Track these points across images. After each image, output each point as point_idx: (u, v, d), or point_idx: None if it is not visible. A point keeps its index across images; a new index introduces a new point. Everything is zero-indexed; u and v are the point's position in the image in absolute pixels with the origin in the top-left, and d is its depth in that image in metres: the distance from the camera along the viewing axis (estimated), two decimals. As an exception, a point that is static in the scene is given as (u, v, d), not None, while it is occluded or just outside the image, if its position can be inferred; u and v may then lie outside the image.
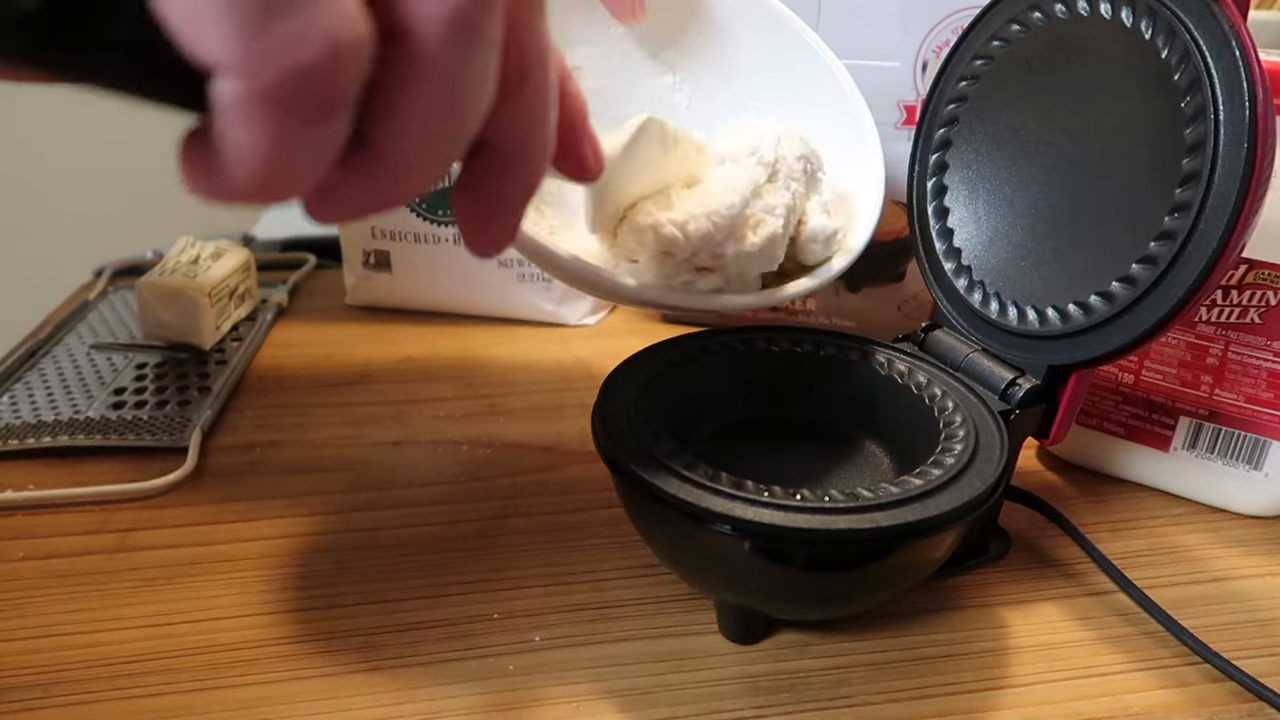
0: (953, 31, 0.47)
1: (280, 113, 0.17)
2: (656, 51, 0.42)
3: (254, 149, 0.17)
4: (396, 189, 0.20)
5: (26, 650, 0.32)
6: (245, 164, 0.17)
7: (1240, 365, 0.39)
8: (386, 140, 0.19)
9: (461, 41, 0.18)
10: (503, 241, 0.24)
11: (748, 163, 0.36)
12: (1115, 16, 0.33)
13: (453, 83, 0.19)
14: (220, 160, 0.17)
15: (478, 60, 0.19)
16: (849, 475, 0.36)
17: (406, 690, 0.31)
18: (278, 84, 0.16)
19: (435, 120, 0.19)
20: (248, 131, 0.17)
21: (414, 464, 0.44)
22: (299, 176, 0.18)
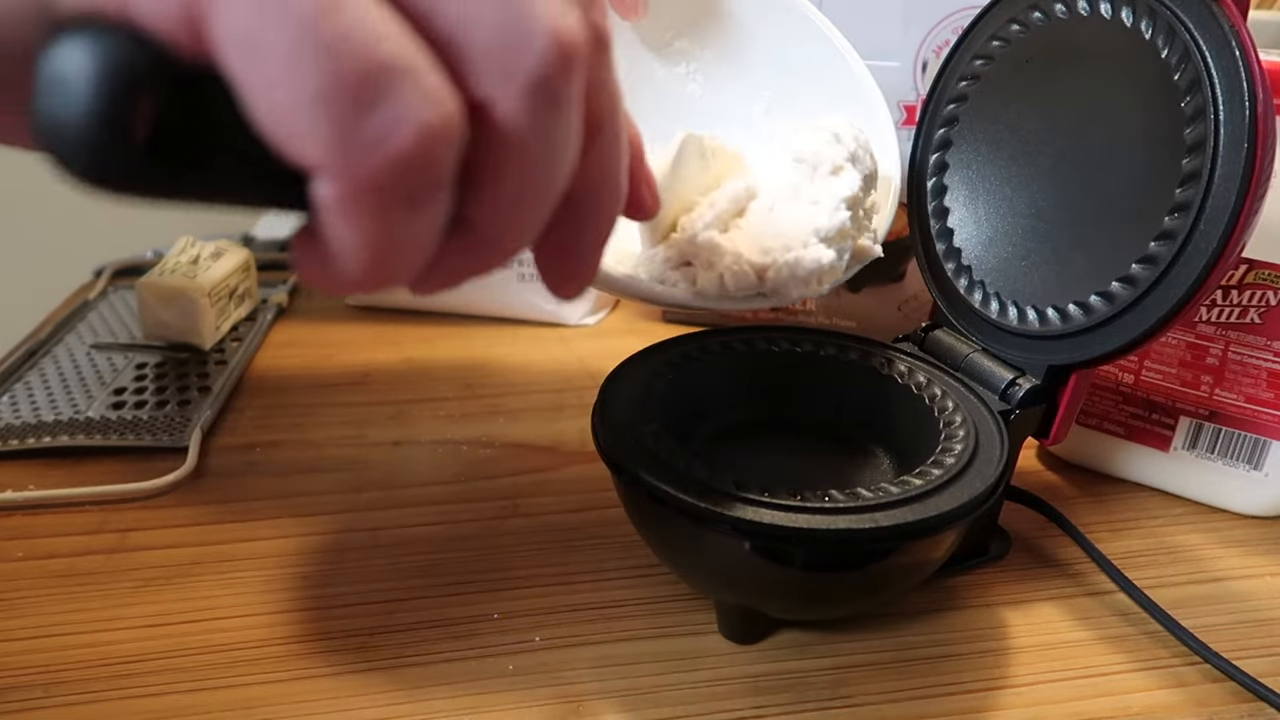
0: (953, 31, 0.47)
1: (381, 204, 0.17)
2: (670, 41, 0.42)
3: (360, 244, 0.17)
4: (494, 257, 0.21)
5: (26, 650, 0.32)
6: (353, 259, 0.18)
7: (1240, 365, 0.39)
8: (482, 212, 0.20)
9: (546, 108, 0.18)
10: (583, 284, 0.24)
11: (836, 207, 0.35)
12: (1115, 16, 0.33)
13: (541, 149, 0.19)
14: (330, 256, 0.18)
15: (563, 123, 0.19)
16: (849, 475, 0.36)
17: (406, 690, 0.31)
18: (375, 177, 0.16)
19: (527, 187, 0.19)
20: (352, 228, 0.17)
21: (414, 464, 0.44)
22: (408, 263, 0.18)
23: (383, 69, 0.16)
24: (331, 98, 0.16)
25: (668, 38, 0.42)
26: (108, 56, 0.15)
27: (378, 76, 0.16)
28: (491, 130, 0.18)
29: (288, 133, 0.16)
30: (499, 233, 0.20)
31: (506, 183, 0.19)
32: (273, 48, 0.15)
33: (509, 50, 0.18)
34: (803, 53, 0.42)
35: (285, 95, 0.16)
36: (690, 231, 0.34)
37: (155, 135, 0.16)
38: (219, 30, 0.16)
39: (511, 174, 0.19)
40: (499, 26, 0.17)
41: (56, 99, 0.15)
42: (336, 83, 0.16)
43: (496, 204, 0.19)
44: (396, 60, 0.16)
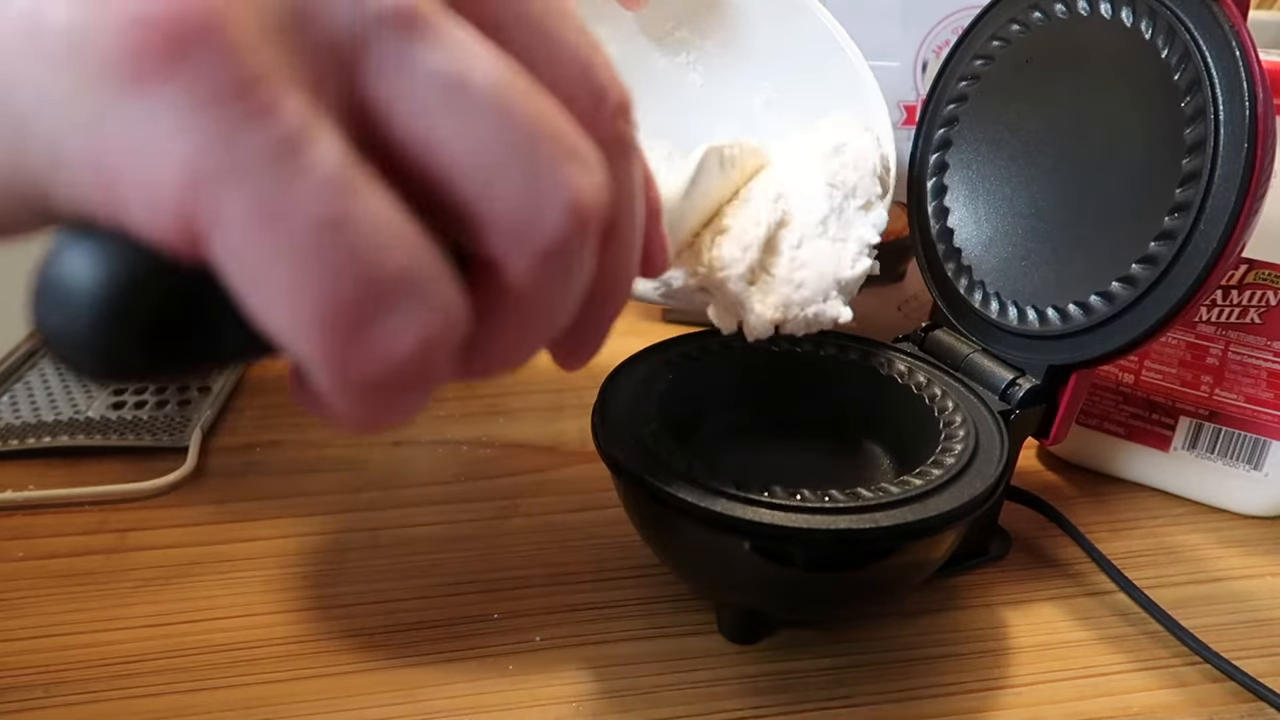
0: (953, 31, 0.47)
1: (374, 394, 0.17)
2: (671, 31, 0.42)
3: (350, 415, 0.17)
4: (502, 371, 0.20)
5: (26, 650, 0.32)
6: (344, 422, 0.18)
7: (1240, 365, 0.39)
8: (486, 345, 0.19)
9: (556, 273, 0.18)
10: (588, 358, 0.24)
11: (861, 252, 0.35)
12: (1115, 16, 0.33)
13: (546, 304, 0.19)
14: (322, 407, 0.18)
15: (571, 275, 0.19)
16: (849, 475, 0.36)
17: (406, 690, 0.31)
18: (368, 380, 0.16)
19: (529, 333, 0.19)
20: (343, 406, 0.17)
21: (414, 464, 0.44)
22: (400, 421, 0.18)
23: (385, 284, 0.15)
24: (330, 319, 0.15)
25: (669, 27, 0.42)
26: (107, 269, 0.15)
27: (380, 294, 0.15)
28: (497, 285, 0.18)
29: (285, 340, 0.16)
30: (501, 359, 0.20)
31: (509, 330, 0.19)
32: (272, 267, 0.15)
33: (526, 222, 0.17)
34: (803, 45, 0.41)
35: (284, 312, 0.15)
36: (721, 275, 0.33)
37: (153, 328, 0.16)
38: (217, 248, 0.15)
39: (514, 324, 0.19)
40: (518, 198, 0.17)
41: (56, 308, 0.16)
42: (336, 304, 0.15)
43: (497, 344, 0.19)
44: (402, 272, 0.15)
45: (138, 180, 0.14)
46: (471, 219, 0.17)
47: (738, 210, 0.35)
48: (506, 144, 0.16)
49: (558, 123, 0.17)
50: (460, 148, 0.16)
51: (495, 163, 0.17)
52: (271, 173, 0.14)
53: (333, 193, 0.15)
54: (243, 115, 0.14)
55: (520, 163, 0.17)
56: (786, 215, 0.35)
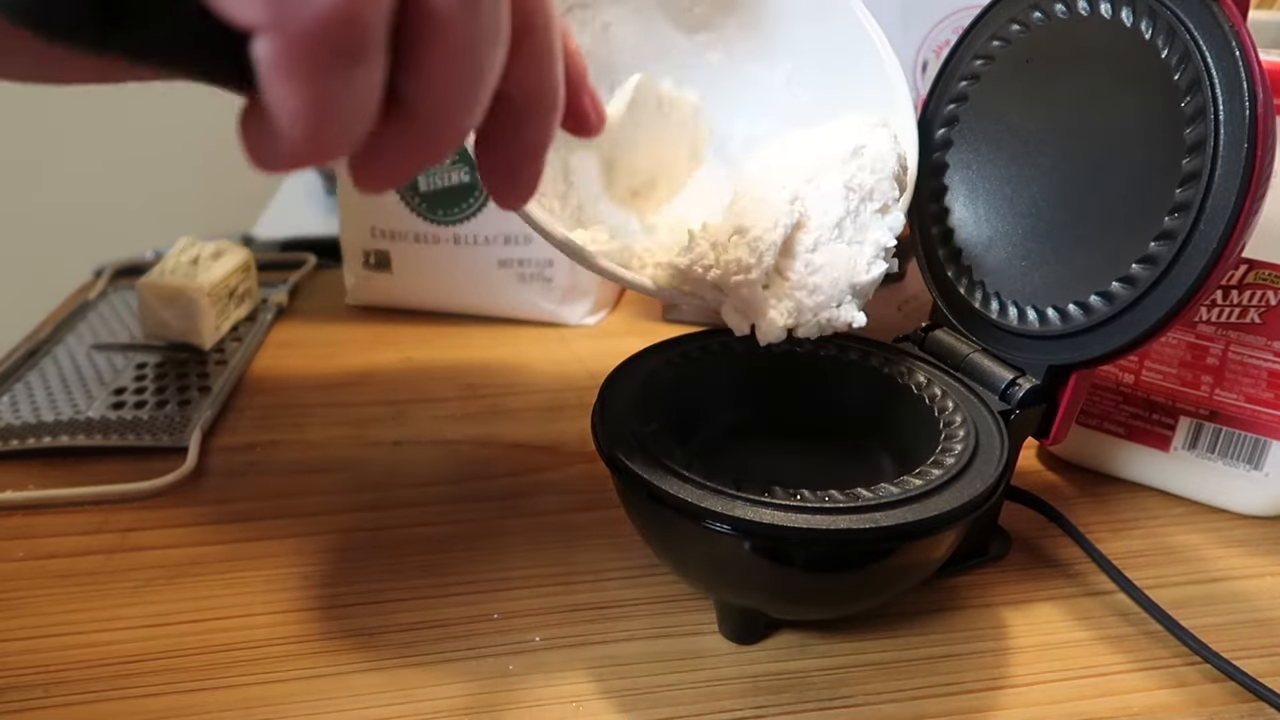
0: (953, 31, 0.47)
1: (316, 60, 0.18)
2: (690, 8, 0.42)
3: (299, 105, 0.18)
4: (433, 142, 0.21)
5: (26, 650, 0.32)
6: (293, 121, 0.18)
7: (1240, 365, 0.39)
8: (417, 93, 0.20)
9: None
10: (525, 193, 0.26)
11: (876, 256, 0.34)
12: (1115, 16, 0.33)
13: (470, 27, 0.20)
14: (272, 126, 0.18)
15: (490, 15, 0.20)
16: (849, 475, 0.36)
17: (406, 690, 0.31)
18: (308, 31, 0.17)
19: (457, 60, 0.20)
20: (290, 86, 0.18)
21: (414, 464, 0.44)
22: (345, 128, 0.19)
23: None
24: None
25: (687, 4, 0.42)
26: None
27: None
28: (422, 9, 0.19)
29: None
30: (433, 111, 0.21)
31: (436, 54, 0.20)
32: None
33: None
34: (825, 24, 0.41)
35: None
36: (737, 279, 0.33)
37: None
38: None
39: (441, 45, 0.20)
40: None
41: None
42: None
43: (429, 78, 0.20)
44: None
45: None
46: None
47: (754, 210, 0.35)
48: None
49: None
50: None
51: None
52: None
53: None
54: None
55: None
56: (803, 217, 0.34)
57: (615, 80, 0.42)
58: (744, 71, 0.42)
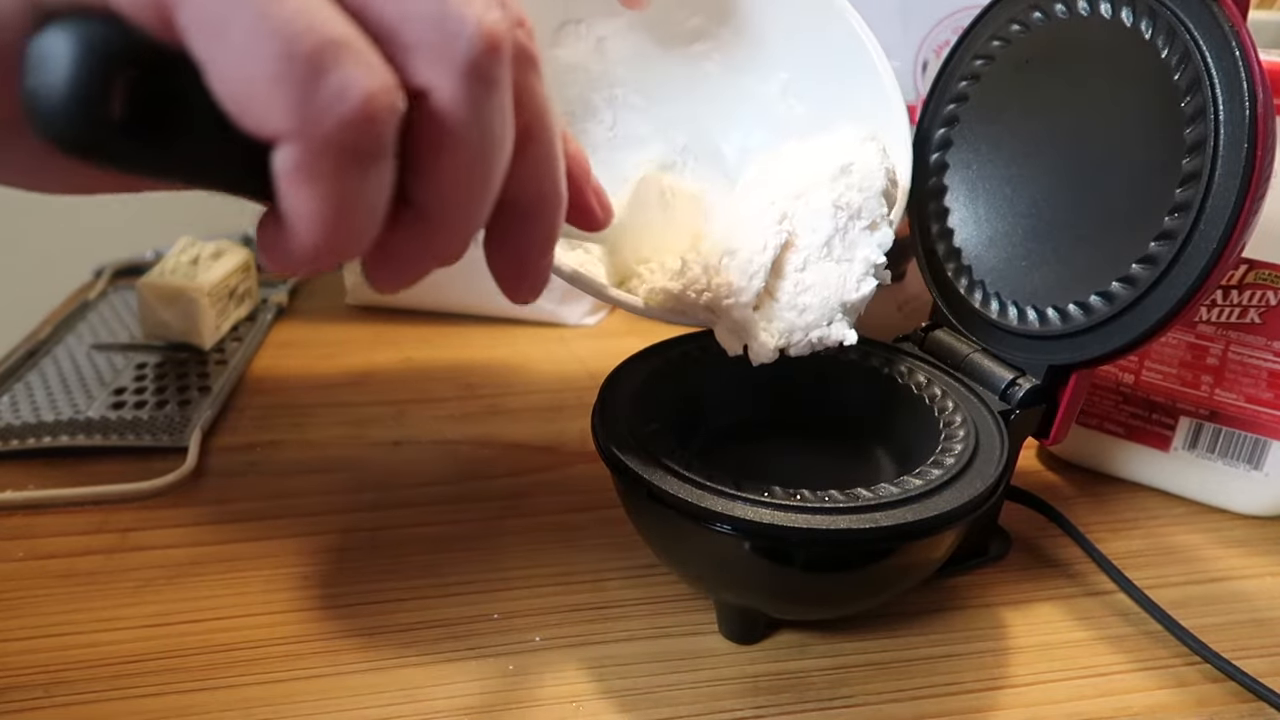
0: (953, 31, 0.47)
1: (334, 165, 0.19)
2: (686, 19, 0.42)
3: (314, 206, 0.19)
4: (444, 241, 0.23)
5: (26, 650, 0.32)
6: (309, 225, 0.20)
7: (1240, 365, 0.39)
8: (426, 197, 0.22)
9: (479, 91, 0.21)
10: (537, 288, 0.27)
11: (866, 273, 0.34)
12: (1115, 16, 0.33)
13: (476, 130, 0.21)
14: (288, 229, 0.20)
15: (496, 105, 0.21)
16: (849, 475, 0.36)
17: (406, 690, 0.31)
18: (329, 137, 0.18)
19: (465, 167, 0.21)
20: (307, 191, 0.19)
21: (414, 464, 0.44)
22: (357, 230, 0.20)
23: (330, 44, 0.18)
24: (287, 70, 0.18)
25: (684, 15, 0.42)
26: (85, 38, 0.17)
27: (326, 50, 0.18)
28: (430, 113, 0.20)
29: (250, 105, 0.18)
30: (443, 214, 0.22)
31: (446, 161, 0.21)
32: (234, 30, 0.18)
33: (443, 39, 0.20)
34: (820, 33, 0.40)
35: (247, 71, 0.18)
36: (728, 302, 0.33)
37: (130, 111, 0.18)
38: (185, 17, 0.18)
39: (450, 153, 0.21)
40: (433, 19, 0.20)
41: (40, 75, 0.17)
42: (291, 56, 0.18)
43: (438, 183, 0.21)
44: (341, 37, 0.18)
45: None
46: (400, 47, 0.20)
47: (742, 229, 0.34)
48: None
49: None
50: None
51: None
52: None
53: None
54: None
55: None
56: (792, 236, 0.34)
57: (612, 94, 0.42)
58: (739, 83, 0.42)
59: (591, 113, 0.42)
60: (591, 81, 0.42)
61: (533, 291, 0.27)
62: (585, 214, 0.29)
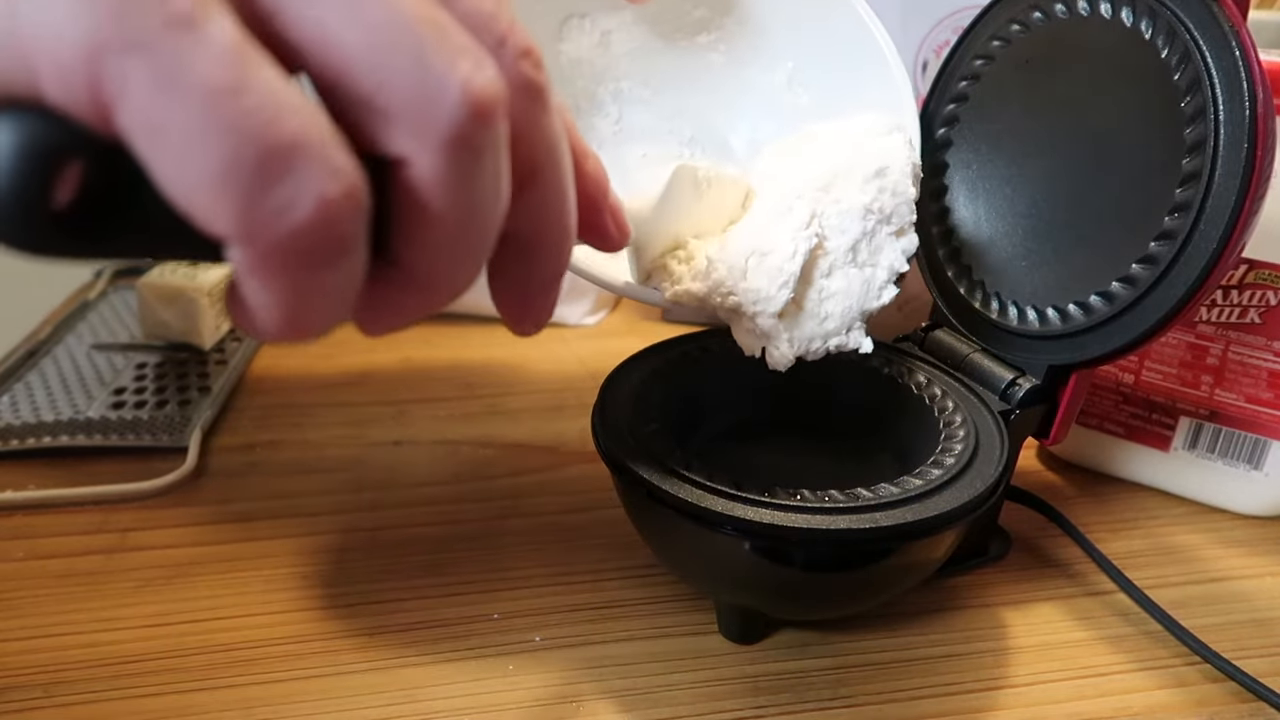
0: (953, 31, 0.47)
1: (288, 269, 0.18)
2: (690, 10, 0.42)
3: (273, 302, 0.18)
4: (434, 297, 0.21)
5: (26, 650, 0.32)
6: (269, 315, 0.18)
7: (1240, 365, 0.39)
8: (412, 257, 0.20)
9: (462, 164, 0.19)
10: (541, 320, 0.25)
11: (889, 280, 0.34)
12: (1115, 17, 0.33)
13: (460, 201, 0.19)
14: (250, 313, 0.19)
15: (482, 176, 0.19)
16: (849, 475, 0.36)
17: (406, 690, 0.31)
18: (279, 246, 0.17)
19: (450, 236, 0.20)
20: (263, 290, 0.18)
21: (414, 464, 0.44)
22: (323, 317, 0.19)
23: (282, 147, 0.16)
24: (232, 178, 0.16)
25: (688, 6, 0.41)
26: (22, 136, 0.16)
27: (277, 155, 0.16)
28: (409, 184, 0.19)
29: (194, 207, 0.17)
30: (431, 276, 0.21)
31: (430, 232, 0.20)
32: (175, 131, 0.16)
33: (421, 110, 0.18)
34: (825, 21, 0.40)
35: (188, 175, 0.16)
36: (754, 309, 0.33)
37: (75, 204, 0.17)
38: (124, 116, 0.16)
39: (434, 224, 0.19)
40: (411, 88, 0.18)
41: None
42: (236, 164, 0.16)
43: (423, 250, 0.20)
44: (297, 137, 0.17)
45: (49, 53, 0.16)
46: (376, 116, 0.18)
47: (768, 226, 0.34)
48: (400, 38, 0.18)
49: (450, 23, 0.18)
50: (352, 42, 0.17)
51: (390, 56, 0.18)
52: (169, 43, 0.16)
53: (227, 62, 0.16)
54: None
55: (414, 53, 0.18)
56: (821, 239, 0.33)
57: (617, 87, 0.42)
58: (745, 74, 0.42)
59: (597, 107, 0.42)
60: (596, 75, 0.42)
61: (536, 325, 0.25)
62: (600, 237, 0.27)
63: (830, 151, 0.35)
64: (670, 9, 0.41)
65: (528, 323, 0.25)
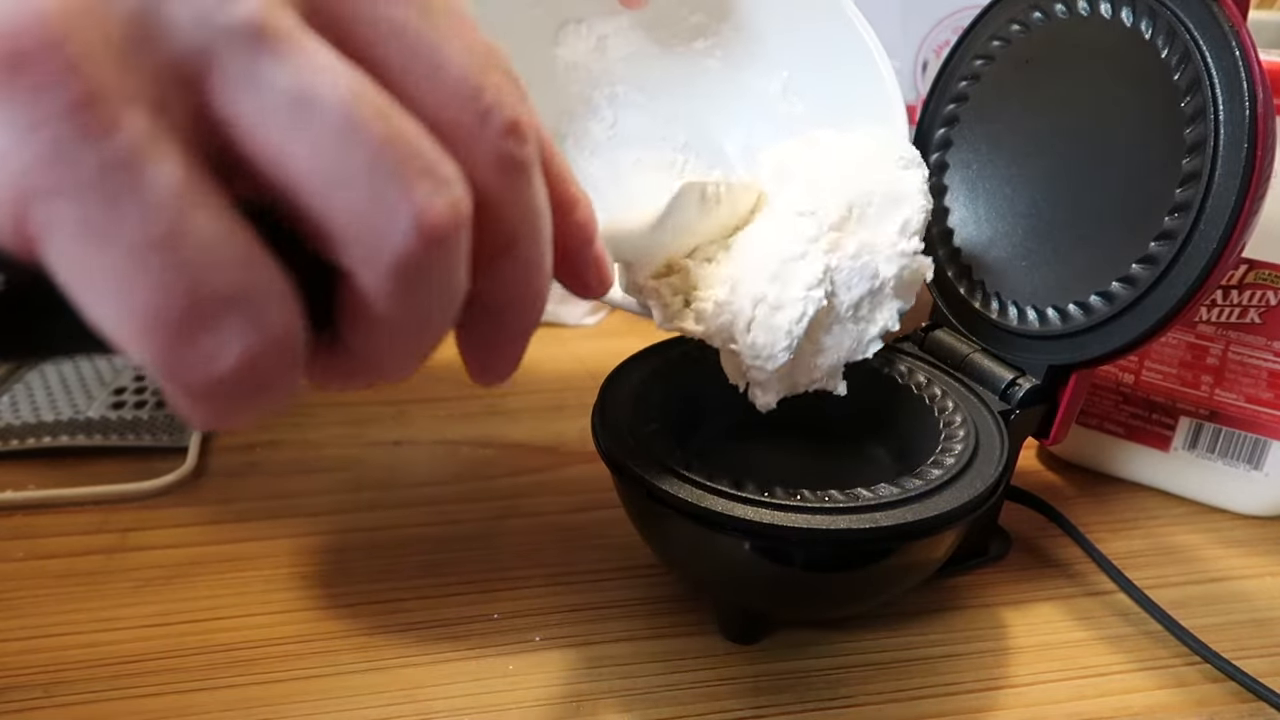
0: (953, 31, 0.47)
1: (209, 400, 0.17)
2: (687, 16, 0.42)
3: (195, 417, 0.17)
4: (382, 377, 0.20)
5: (26, 650, 0.32)
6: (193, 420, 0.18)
7: (1240, 365, 0.39)
8: (358, 345, 0.19)
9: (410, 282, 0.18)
10: (505, 374, 0.24)
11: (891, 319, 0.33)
12: (1115, 17, 0.33)
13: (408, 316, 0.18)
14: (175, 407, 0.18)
15: (430, 289, 0.18)
16: (849, 475, 0.36)
17: (406, 690, 0.31)
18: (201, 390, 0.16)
19: (399, 335, 0.19)
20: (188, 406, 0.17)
21: (414, 464, 0.44)
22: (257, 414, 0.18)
23: (209, 302, 0.16)
24: (156, 328, 0.15)
25: (684, 12, 0.41)
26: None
27: (203, 310, 0.16)
28: (355, 292, 0.18)
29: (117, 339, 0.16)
30: (377, 361, 0.20)
31: (374, 330, 0.19)
32: (99, 277, 0.15)
33: (369, 239, 0.17)
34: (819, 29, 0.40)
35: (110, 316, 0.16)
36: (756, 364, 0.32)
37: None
38: (50, 255, 0.15)
39: (378, 326, 0.19)
40: (362, 215, 0.17)
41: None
42: (161, 319, 0.15)
43: (370, 348, 0.19)
44: (228, 291, 0.16)
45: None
46: (323, 234, 0.17)
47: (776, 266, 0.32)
48: (350, 162, 0.16)
49: (408, 141, 0.17)
50: (305, 166, 0.16)
51: (339, 180, 0.17)
52: (103, 191, 0.14)
53: (164, 212, 0.15)
54: (79, 132, 0.14)
55: (364, 180, 0.17)
56: (830, 297, 0.32)
57: (613, 91, 0.42)
58: (741, 80, 0.42)
59: (592, 111, 0.42)
60: (592, 80, 0.42)
61: (499, 379, 0.24)
62: (579, 286, 0.25)
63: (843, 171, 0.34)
64: (667, 15, 0.41)
65: (491, 375, 0.24)
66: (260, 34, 0.16)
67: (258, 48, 0.16)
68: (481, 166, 0.19)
